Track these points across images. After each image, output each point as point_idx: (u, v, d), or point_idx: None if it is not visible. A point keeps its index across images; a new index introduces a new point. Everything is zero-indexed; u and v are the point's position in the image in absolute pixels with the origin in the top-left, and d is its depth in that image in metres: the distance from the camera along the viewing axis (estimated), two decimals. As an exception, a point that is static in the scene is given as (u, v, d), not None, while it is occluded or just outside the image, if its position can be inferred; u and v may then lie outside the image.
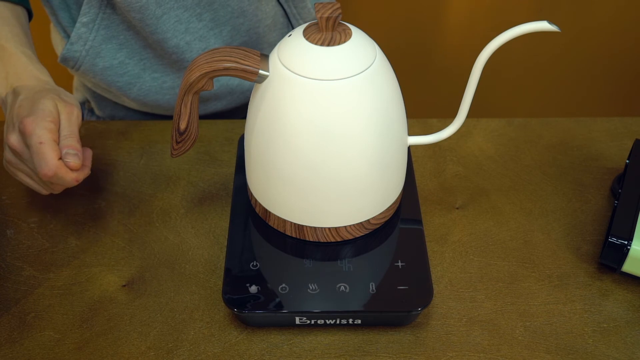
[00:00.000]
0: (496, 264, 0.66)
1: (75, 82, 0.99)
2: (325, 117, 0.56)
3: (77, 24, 0.78)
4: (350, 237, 0.64)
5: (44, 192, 0.66)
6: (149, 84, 0.85)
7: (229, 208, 0.70)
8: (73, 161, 0.61)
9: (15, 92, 0.65)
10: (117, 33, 0.80)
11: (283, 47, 0.58)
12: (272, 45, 0.89)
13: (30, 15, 0.76)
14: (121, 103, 0.90)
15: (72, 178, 0.62)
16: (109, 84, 0.84)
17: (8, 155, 0.64)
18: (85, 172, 0.64)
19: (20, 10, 0.73)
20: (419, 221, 0.66)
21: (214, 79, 0.76)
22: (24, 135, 0.61)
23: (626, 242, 0.62)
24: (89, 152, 0.66)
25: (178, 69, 0.84)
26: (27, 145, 0.61)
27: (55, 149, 0.61)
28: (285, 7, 0.87)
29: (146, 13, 0.76)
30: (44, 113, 0.62)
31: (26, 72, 0.67)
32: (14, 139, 0.62)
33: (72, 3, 0.79)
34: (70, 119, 0.64)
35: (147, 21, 0.77)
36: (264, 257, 0.62)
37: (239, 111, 0.93)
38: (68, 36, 0.82)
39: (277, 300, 0.59)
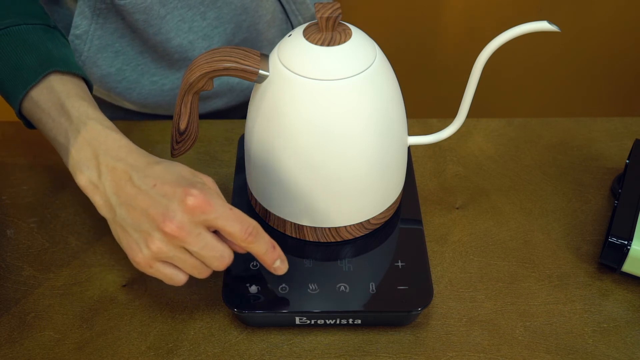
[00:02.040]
0: (496, 264, 0.66)
1: None
2: (325, 117, 0.56)
3: (70, 37, 0.77)
4: (350, 237, 0.64)
5: (184, 280, 0.56)
6: (148, 87, 0.85)
7: (229, 208, 0.70)
8: (284, 267, 0.56)
9: (117, 171, 0.54)
10: (111, 42, 0.79)
11: (283, 47, 0.58)
12: (271, 42, 0.89)
13: (89, 87, 0.64)
14: (121, 106, 0.90)
15: (269, 240, 0.54)
16: (108, 90, 0.84)
17: (159, 245, 0.52)
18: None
19: (82, 83, 0.62)
20: (419, 221, 0.66)
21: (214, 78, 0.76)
22: (196, 211, 0.51)
23: (626, 242, 0.62)
24: None
25: (179, 68, 0.84)
26: (198, 223, 0.52)
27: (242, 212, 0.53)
28: (284, 3, 0.87)
29: (151, 13, 0.76)
30: (202, 184, 0.52)
31: (123, 147, 0.56)
32: (178, 222, 0.51)
33: (66, 11, 0.79)
34: (218, 191, 0.55)
35: (152, 22, 0.77)
36: (264, 257, 0.62)
37: (240, 109, 0.93)
38: None
39: (277, 300, 0.59)
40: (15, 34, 0.62)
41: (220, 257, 0.54)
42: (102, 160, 0.55)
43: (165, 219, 0.51)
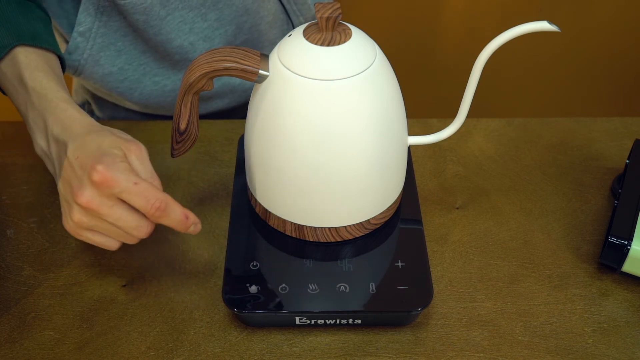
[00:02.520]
0: (496, 264, 0.66)
1: (75, 84, 0.99)
2: (325, 117, 0.56)
3: (74, 34, 0.78)
4: (350, 237, 0.64)
5: (116, 245, 0.57)
6: (149, 88, 0.85)
7: (229, 208, 0.70)
8: (197, 228, 0.57)
9: (59, 142, 0.57)
10: (114, 40, 0.79)
11: (283, 47, 0.58)
12: (272, 43, 0.89)
13: (62, 62, 0.66)
14: (122, 105, 0.90)
15: (181, 211, 0.55)
16: (110, 90, 0.84)
17: (78, 216, 0.54)
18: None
19: (51, 57, 0.64)
20: (419, 221, 0.66)
21: (216, 78, 0.76)
22: (101, 186, 0.52)
23: (626, 242, 0.62)
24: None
25: (180, 69, 0.84)
26: (108, 195, 0.53)
27: (151, 185, 0.54)
28: (285, 3, 0.87)
29: (151, 14, 0.76)
30: (113, 156, 0.53)
31: (68, 118, 0.58)
32: (87, 196, 0.52)
33: (71, 8, 0.79)
34: (142, 159, 0.56)
35: (152, 22, 0.77)
36: (264, 257, 0.62)
37: (241, 109, 0.93)
38: (67, 41, 0.82)
39: (277, 300, 0.59)
40: None
41: (137, 227, 0.55)
42: (49, 130, 0.57)
43: (78, 192, 0.53)
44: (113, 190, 0.53)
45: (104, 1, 0.75)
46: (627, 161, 0.71)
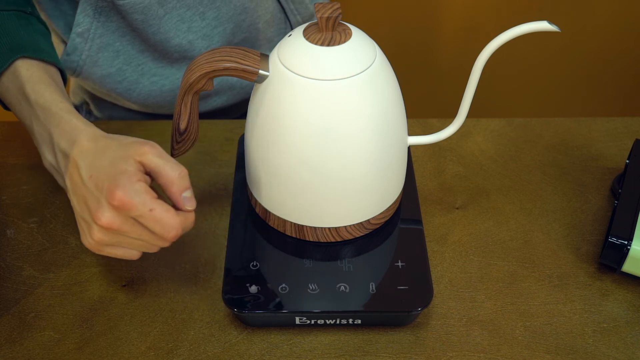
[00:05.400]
0: (496, 264, 0.66)
1: (73, 84, 0.99)
2: (325, 117, 0.56)
3: (72, 35, 0.78)
4: (350, 237, 0.64)
5: (137, 255, 0.57)
6: (148, 88, 0.85)
7: (229, 208, 0.70)
8: (191, 205, 0.56)
9: (67, 156, 0.56)
10: (112, 41, 0.79)
11: (283, 47, 0.58)
12: (270, 41, 0.89)
13: (63, 75, 0.66)
14: (122, 105, 0.90)
15: (192, 221, 0.56)
16: (109, 90, 0.84)
17: (99, 235, 0.54)
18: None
19: (52, 69, 0.63)
20: (419, 221, 0.66)
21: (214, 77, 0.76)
22: (120, 210, 0.52)
23: (626, 242, 0.62)
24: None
25: (179, 68, 0.84)
26: (127, 217, 0.53)
27: (166, 206, 0.53)
28: (283, 2, 0.87)
29: (149, 14, 0.76)
30: (128, 176, 0.53)
31: (73, 129, 0.57)
32: (107, 218, 0.52)
33: (68, 9, 0.79)
34: (160, 154, 0.55)
35: (150, 22, 0.77)
36: (264, 257, 0.62)
37: (240, 107, 0.94)
38: (64, 42, 0.82)
39: (277, 300, 0.59)
40: None
41: (160, 239, 0.55)
42: (56, 143, 0.57)
43: (97, 213, 0.53)
44: (132, 214, 0.53)
45: (102, 2, 0.75)
46: (627, 161, 0.71)
